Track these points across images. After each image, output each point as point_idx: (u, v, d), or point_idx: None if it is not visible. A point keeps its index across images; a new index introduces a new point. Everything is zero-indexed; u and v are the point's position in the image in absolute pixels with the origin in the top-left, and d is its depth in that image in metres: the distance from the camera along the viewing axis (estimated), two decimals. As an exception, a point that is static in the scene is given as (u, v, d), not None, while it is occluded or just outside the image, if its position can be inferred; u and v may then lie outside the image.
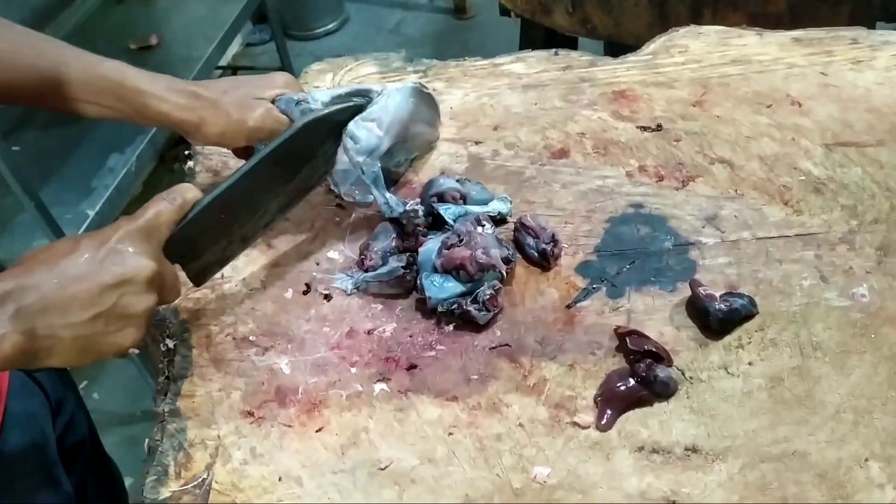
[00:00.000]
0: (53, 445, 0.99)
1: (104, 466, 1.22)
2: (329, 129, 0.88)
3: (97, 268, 0.64)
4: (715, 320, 0.80)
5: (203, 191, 0.76)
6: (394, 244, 0.90)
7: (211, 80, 0.89)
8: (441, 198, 0.92)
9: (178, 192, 0.73)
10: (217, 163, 1.06)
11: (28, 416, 0.94)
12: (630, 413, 0.75)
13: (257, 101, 0.87)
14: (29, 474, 0.92)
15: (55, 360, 0.63)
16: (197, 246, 0.77)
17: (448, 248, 0.84)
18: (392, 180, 0.99)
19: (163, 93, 0.83)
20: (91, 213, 1.70)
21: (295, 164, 0.86)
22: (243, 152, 0.93)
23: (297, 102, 0.88)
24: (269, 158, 0.80)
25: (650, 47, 1.20)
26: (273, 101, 0.88)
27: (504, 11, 1.83)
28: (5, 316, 0.60)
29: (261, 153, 0.81)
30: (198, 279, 0.81)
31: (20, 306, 0.61)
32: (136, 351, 0.69)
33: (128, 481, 1.64)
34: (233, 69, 2.99)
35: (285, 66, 2.66)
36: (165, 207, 0.71)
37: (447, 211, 0.90)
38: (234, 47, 3.09)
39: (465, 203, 0.93)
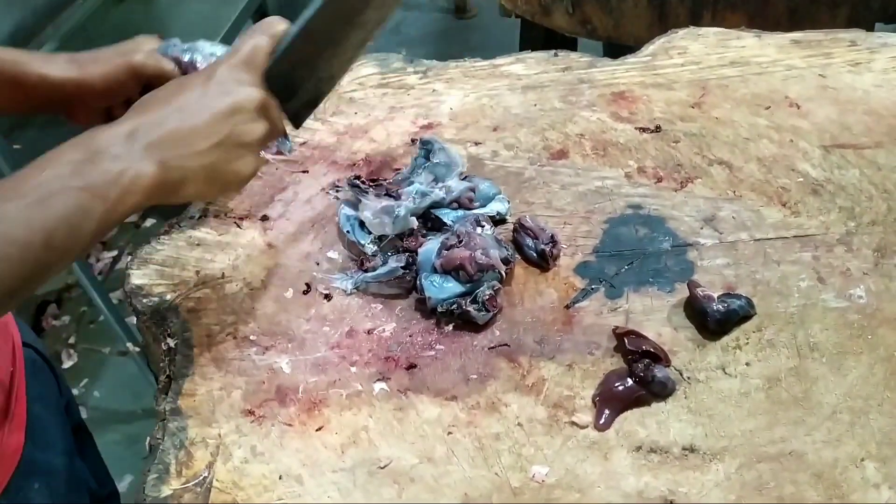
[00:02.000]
0: (66, 419, 1.01)
1: (95, 454, 1.24)
2: None
3: (209, 101, 0.68)
4: (713, 321, 0.80)
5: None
6: (393, 244, 0.90)
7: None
8: (458, 202, 0.93)
9: (268, 25, 0.75)
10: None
11: (45, 392, 0.96)
12: (628, 413, 0.76)
13: (135, 50, 0.85)
14: (54, 446, 0.94)
15: (189, 189, 0.67)
16: (292, 81, 0.78)
17: (447, 249, 0.85)
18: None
19: (41, 58, 0.82)
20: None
21: None
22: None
23: (177, 45, 0.85)
24: None
25: (649, 49, 1.20)
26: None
27: (504, 12, 1.83)
28: (137, 151, 0.63)
29: None
30: (295, 120, 0.82)
31: (148, 141, 0.64)
32: (136, 348, 0.70)
33: (128, 479, 1.65)
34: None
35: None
36: (260, 39, 0.73)
37: (446, 214, 0.91)
38: (235, 47, 3.09)
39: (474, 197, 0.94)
